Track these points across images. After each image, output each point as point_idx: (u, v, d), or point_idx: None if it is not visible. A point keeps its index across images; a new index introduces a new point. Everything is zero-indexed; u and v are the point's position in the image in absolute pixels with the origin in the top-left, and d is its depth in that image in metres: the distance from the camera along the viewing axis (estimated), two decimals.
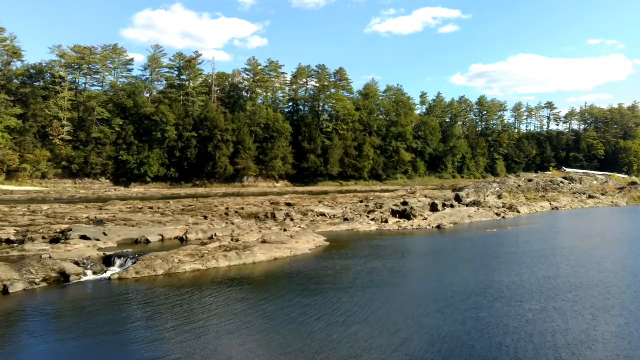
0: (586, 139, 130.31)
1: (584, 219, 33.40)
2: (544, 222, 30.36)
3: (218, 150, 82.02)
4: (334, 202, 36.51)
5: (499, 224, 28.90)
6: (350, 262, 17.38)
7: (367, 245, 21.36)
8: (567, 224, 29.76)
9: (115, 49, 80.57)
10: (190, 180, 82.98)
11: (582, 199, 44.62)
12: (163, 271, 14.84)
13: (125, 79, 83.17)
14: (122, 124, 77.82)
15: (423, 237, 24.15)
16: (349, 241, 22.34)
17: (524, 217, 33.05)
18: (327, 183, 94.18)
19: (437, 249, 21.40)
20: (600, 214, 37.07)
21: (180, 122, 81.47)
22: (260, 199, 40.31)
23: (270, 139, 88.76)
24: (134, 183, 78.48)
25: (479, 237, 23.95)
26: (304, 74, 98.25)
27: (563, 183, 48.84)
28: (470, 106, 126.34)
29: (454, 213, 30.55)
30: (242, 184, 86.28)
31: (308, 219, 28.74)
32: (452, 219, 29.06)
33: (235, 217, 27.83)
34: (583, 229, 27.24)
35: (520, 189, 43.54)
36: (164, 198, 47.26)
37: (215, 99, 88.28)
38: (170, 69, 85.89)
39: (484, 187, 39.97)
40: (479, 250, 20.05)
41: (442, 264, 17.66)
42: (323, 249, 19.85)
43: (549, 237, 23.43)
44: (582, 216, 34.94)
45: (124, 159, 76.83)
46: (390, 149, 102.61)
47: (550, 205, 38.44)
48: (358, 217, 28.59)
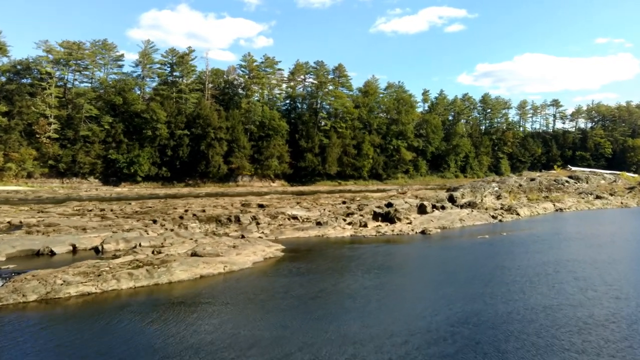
0: (593, 138, 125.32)
1: (591, 222, 29.36)
2: (546, 226, 26.38)
3: (211, 148, 78.36)
4: (314, 203, 32.72)
5: (494, 228, 24.95)
6: (298, 280, 13.61)
7: (331, 255, 17.57)
8: (572, 228, 25.71)
9: (105, 44, 77.13)
10: (182, 180, 79.41)
11: (588, 200, 40.57)
12: (37, 296, 11.09)
13: (115, 75, 79.84)
14: (111, 121, 74.35)
15: (401, 245, 20.27)
16: (311, 250, 18.55)
17: (523, 220, 29.07)
18: (325, 182, 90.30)
19: (411, 262, 17.44)
20: (609, 216, 33.01)
21: (172, 120, 77.87)
22: (235, 199, 36.47)
23: (266, 137, 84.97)
24: (124, 182, 75.00)
25: (467, 246, 20.06)
26: (301, 71, 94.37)
27: (568, 182, 44.76)
28: (473, 104, 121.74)
29: (444, 216, 26.62)
30: (237, 183, 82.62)
31: (276, 222, 24.96)
32: (441, 223, 25.15)
33: (191, 221, 24.08)
34: (591, 234, 23.19)
35: (521, 189, 39.51)
36: (141, 198, 43.65)
37: (209, 96, 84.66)
38: (162, 65, 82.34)
39: (480, 187, 36.02)
40: (463, 265, 16.12)
41: (409, 286, 13.74)
42: (272, 261, 16.07)
43: (550, 246, 19.48)
44: (589, 219, 30.89)
45: (113, 157, 73.34)
46: (391, 148, 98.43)
47: (553, 207, 34.44)
48: (333, 220, 24.74)
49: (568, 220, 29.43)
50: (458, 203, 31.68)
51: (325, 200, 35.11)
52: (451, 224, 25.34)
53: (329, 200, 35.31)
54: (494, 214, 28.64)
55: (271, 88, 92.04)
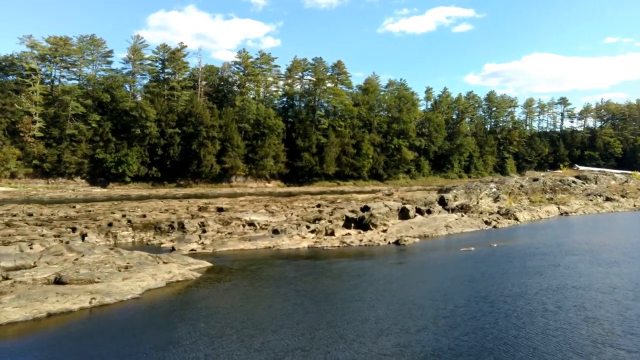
0: (602, 137, 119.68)
1: (601, 228, 24.89)
2: (548, 234, 21.96)
3: (203, 147, 74.46)
4: (286, 207, 28.53)
5: (485, 237, 20.61)
6: (188, 324, 9.42)
7: (264, 278, 13.38)
8: (578, 237, 21.26)
9: (93, 39, 73.43)
10: (173, 180, 75.61)
11: (597, 202, 36.03)
12: None
13: (104, 72, 76.12)
14: (99, 119, 70.75)
15: (361, 261, 15.95)
16: (244, 269, 14.35)
17: (522, 226, 24.67)
18: (323, 183, 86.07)
19: (364, 286, 12.88)
20: (621, 221, 28.50)
21: (162, 118, 74.09)
22: (193, 202, 32.03)
23: (261, 136, 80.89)
24: (112, 183, 71.36)
25: (444, 262, 15.74)
26: (299, 67, 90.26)
27: (575, 183, 40.17)
28: (478, 102, 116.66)
29: (427, 222, 22.31)
30: (230, 184, 78.66)
31: (227, 230, 20.82)
32: (422, 230, 20.85)
33: (123, 229, 19.98)
34: (602, 246, 18.73)
35: (522, 190, 35.03)
36: (110, 199, 39.73)
37: (201, 94, 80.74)
38: (153, 61, 78.56)
39: (476, 188, 31.63)
40: (430, 292, 11.75)
41: (342, 331, 9.48)
42: (176, 288, 11.89)
43: (550, 263, 15.09)
44: (599, 224, 26.40)
45: (100, 157, 69.72)
46: (392, 147, 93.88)
47: (558, 210, 29.98)
48: (293, 228, 20.53)
49: (574, 227, 24.97)
50: (449, 206, 27.34)
51: (301, 203, 30.89)
52: (434, 231, 21.03)
53: (305, 203, 31.09)
54: (487, 219, 24.26)
55: (267, 85, 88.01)
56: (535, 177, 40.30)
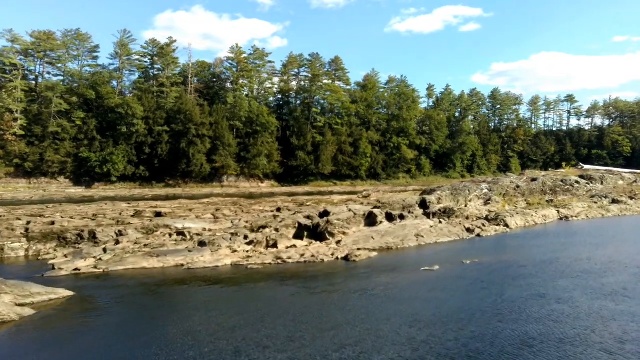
0: (610, 135, 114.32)
1: (606, 237, 20.62)
2: (540, 245, 17.76)
3: (192, 146, 70.73)
4: (240, 211, 24.59)
5: (462, 249, 16.51)
6: None
7: (129, 316, 9.45)
8: (578, 250, 17.02)
9: (78, 34, 69.92)
10: (162, 180, 71.98)
11: (602, 205, 31.69)
12: None
13: (90, 68, 72.63)
14: (83, 117, 67.27)
15: (287, 284, 11.87)
16: (117, 301, 10.42)
17: (512, 233, 20.50)
18: (319, 183, 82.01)
19: (245, 334, 8.99)
20: (630, 228, 24.20)
21: (150, 116, 70.45)
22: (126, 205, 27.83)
23: (253, 134, 77.01)
24: (97, 183, 67.87)
25: (389, 290, 11.56)
26: (295, 63, 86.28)
27: (578, 183, 35.81)
28: (482, 99, 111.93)
29: (394, 230, 18.24)
30: (221, 183, 74.89)
31: (147, 240, 16.92)
32: (385, 241, 16.81)
33: (15, 239, 16.13)
34: (608, 263, 14.53)
35: (519, 191, 30.77)
36: (71, 201, 36.10)
37: (192, 90, 77.04)
38: (142, 57, 75.00)
39: (464, 189, 27.47)
40: (339, 345, 7.81)
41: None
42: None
43: (538, 294, 10.94)
44: (604, 232, 22.14)
45: (84, 156, 66.27)
46: (391, 146, 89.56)
47: (557, 214, 25.74)
48: (226, 239, 16.57)
49: (574, 235, 20.72)
50: (431, 210, 23.25)
51: (262, 206, 26.94)
52: (401, 242, 16.96)
53: (268, 206, 27.11)
54: (470, 226, 20.14)
55: (262, 82, 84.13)
56: (533, 177, 35.96)
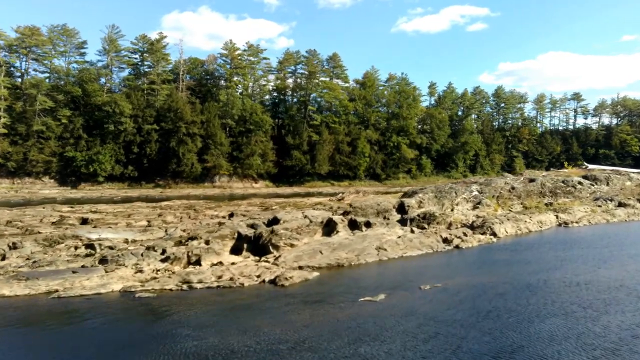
0: (618, 134, 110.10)
1: (611, 250, 16.96)
2: (528, 260, 14.20)
3: (182, 145, 67.63)
4: (187, 216, 21.29)
5: (430, 266, 13.08)
6: None
7: None
8: (575, 268, 13.43)
9: (65, 30, 66.89)
10: (152, 180, 68.93)
11: (607, 208, 28.17)
12: None
13: (77, 64, 69.58)
14: (69, 115, 64.31)
15: (171, 322, 8.54)
16: None
17: (499, 244, 17.02)
18: (316, 183, 78.74)
19: None
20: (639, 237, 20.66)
21: (139, 114, 67.43)
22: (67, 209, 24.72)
23: (246, 133, 73.80)
24: (83, 183, 64.96)
25: (302, 333, 8.25)
26: (291, 60, 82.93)
27: (581, 184, 32.24)
28: (485, 98, 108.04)
29: (351, 242, 14.86)
30: (213, 184, 71.74)
31: (42, 255, 13.65)
32: (336, 256, 13.47)
33: None
34: (615, 289, 11.03)
35: (514, 193, 27.24)
36: (28, 203, 33.01)
37: (183, 88, 73.92)
38: (132, 53, 71.92)
39: (450, 192, 24.04)
40: None
41: None
42: None
43: (507, 346, 7.58)
44: (608, 242, 18.50)
45: (70, 155, 63.33)
46: (390, 145, 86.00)
47: (555, 219, 22.30)
48: (136, 255, 13.28)
49: (572, 246, 17.14)
50: (409, 215, 19.87)
51: (217, 211, 23.62)
52: (356, 257, 13.61)
53: (224, 211, 23.75)
54: (448, 236, 16.71)
55: (256, 79, 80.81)
56: (531, 178, 32.39)
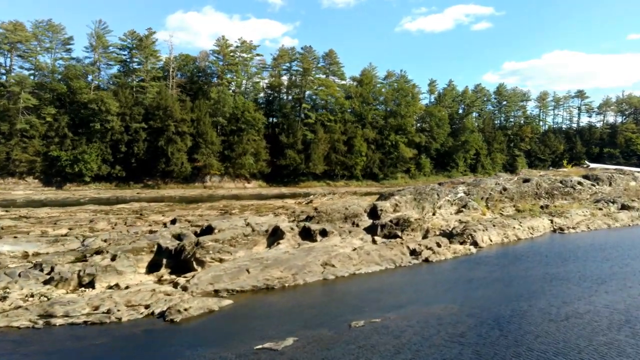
0: (623, 132, 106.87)
1: (615, 266, 14.19)
2: (509, 280, 11.43)
3: (171, 144, 64.99)
4: (120, 223, 18.65)
5: (381, 289, 10.41)
6: None
7: None
8: (569, 293, 10.64)
9: (50, 25, 64.35)
10: (140, 180, 66.38)
11: (609, 211, 25.45)
12: None
13: (63, 61, 67.03)
14: (54, 113, 61.83)
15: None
16: None
17: (480, 255, 14.35)
18: (311, 183, 76.01)
19: None
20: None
21: (127, 112, 64.84)
22: None
23: (238, 132, 71.14)
24: (69, 184, 62.46)
25: None
26: (286, 57, 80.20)
27: (581, 185, 29.43)
28: (487, 95, 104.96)
29: (292, 256, 12.21)
30: (204, 184, 69.16)
31: None
32: (266, 275, 10.93)
33: None
34: (620, 325, 8.30)
35: (506, 195, 24.43)
36: None
37: (173, 85, 71.32)
38: (120, 49, 69.34)
39: (432, 193, 21.29)
40: None
41: None
42: None
43: None
44: (611, 254, 15.73)
45: (54, 154, 60.85)
46: (388, 144, 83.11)
47: (550, 224, 19.60)
48: (11, 276, 10.62)
49: (566, 260, 14.33)
50: (381, 220, 17.15)
51: (164, 216, 20.96)
52: (293, 276, 11.08)
53: (173, 216, 21.06)
54: (417, 247, 13.99)
55: (250, 77, 78.11)
56: (526, 178, 29.51)
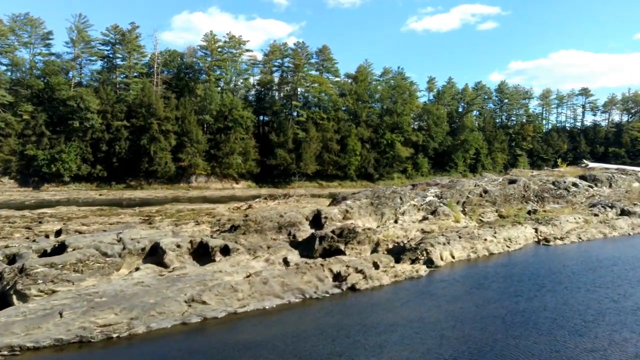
0: (629, 131, 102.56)
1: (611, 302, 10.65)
2: (450, 334, 8.04)
3: (154, 142, 61.82)
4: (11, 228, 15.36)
5: (253, 342, 7.02)
6: None
7: None
8: None
9: (29, 19, 61.33)
10: (123, 180, 63.24)
11: (605, 218, 21.83)
12: None
13: (42, 56, 63.87)
14: (32, 110, 58.82)
15: None
16: None
17: (432, 279, 10.89)
18: (303, 184, 72.51)
19: None
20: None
21: (108, 109, 61.76)
22: None
23: (225, 130, 67.84)
24: (47, 184, 59.43)
25: None
26: (277, 53, 76.80)
27: (576, 186, 25.76)
28: (487, 93, 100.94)
29: (146, 288, 8.67)
30: (190, 184, 65.88)
31: None
32: (84, 323, 7.31)
33: None
34: None
35: (487, 198, 20.86)
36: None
37: (158, 82, 68.08)
38: (102, 44, 66.17)
39: (393, 197, 17.77)
40: None
41: None
42: None
43: None
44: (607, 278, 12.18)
45: (31, 154, 57.79)
46: (384, 143, 79.47)
47: (533, 234, 16.05)
48: None
49: (541, 289, 10.78)
50: (325, 230, 13.70)
51: (51, 225, 17.65)
52: (131, 321, 7.55)
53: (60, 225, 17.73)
54: (344, 270, 10.53)
55: (239, 73, 74.73)
56: (513, 178, 25.84)
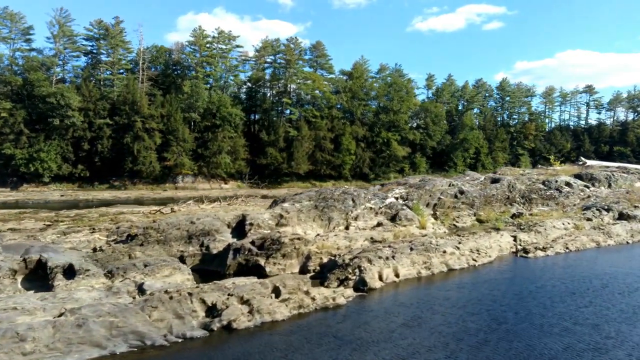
0: (635, 130, 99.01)
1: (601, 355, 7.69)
2: None
3: (138, 141, 59.13)
4: None
5: None
6: None
7: None
8: None
9: (8, 14, 58.74)
10: (106, 180, 60.61)
11: (600, 223, 18.90)
12: None
13: (21, 52, 61.33)
14: (10, 108, 56.25)
15: None
16: None
17: (352, 311, 8.36)
18: (295, 184, 69.54)
19: None
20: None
21: (90, 107, 59.18)
22: None
23: (213, 128, 65.03)
24: (26, 184, 56.87)
25: None
26: (269, 49, 73.92)
27: (570, 186, 22.79)
28: (488, 91, 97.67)
29: None
30: (176, 184, 63.10)
31: None
32: None
33: None
34: None
35: (463, 200, 17.87)
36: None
37: (144, 79, 65.36)
38: (86, 40, 63.61)
39: (343, 199, 14.88)
40: None
41: None
42: None
43: None
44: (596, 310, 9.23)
45: (8, 153, 55.23)
46: (379, 141, 76.42)
47: (511, 244, 13.14)
48: None
49: (501, 324, 7.87)
50: (250, 238, 10.81)
51: None
52: None
53: None
54: (221, 301, 7.93)
55: (229, 70, 71.89)
56: (495, 178, 22.77)
